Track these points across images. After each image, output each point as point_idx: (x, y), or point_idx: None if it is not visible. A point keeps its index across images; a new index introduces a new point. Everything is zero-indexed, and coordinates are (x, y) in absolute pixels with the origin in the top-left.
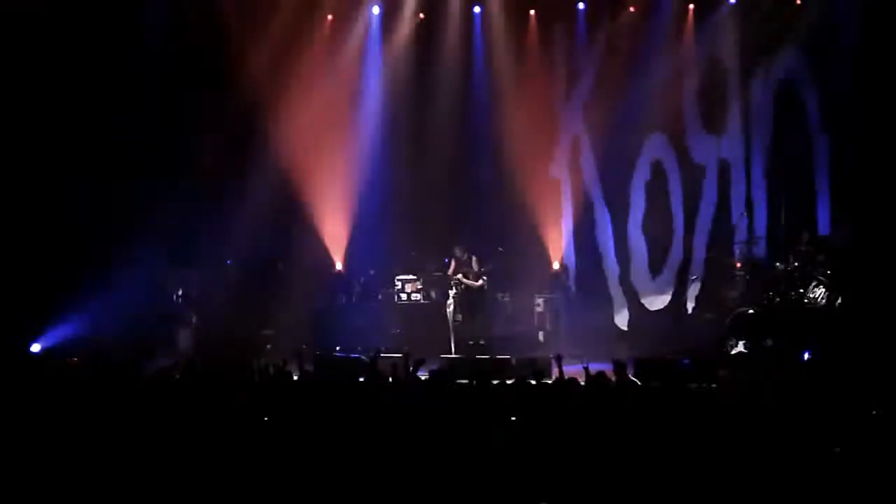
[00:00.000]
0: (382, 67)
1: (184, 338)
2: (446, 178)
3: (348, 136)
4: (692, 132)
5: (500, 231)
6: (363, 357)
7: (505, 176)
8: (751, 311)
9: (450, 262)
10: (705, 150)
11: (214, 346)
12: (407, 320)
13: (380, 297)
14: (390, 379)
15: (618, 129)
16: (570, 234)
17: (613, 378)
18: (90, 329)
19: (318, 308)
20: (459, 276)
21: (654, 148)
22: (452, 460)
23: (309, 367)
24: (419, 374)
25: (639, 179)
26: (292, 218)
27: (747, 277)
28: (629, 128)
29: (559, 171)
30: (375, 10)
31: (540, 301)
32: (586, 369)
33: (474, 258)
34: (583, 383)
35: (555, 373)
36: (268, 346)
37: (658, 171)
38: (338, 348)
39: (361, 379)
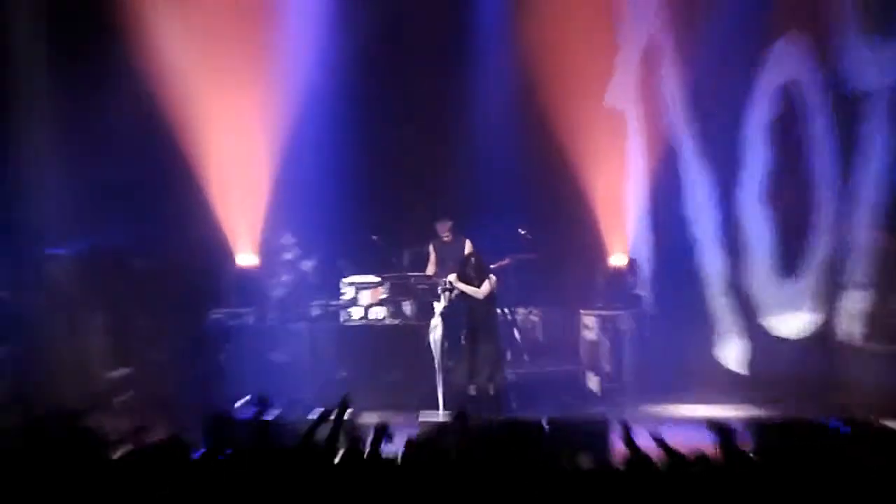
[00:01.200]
0: None
1: None
2: (432, 119)
3: (270, 56)
4: (847, 40)
5: (522, 202)
6: (287, 422)
7: (529, 111)
8: None
9: (429, 253)
10: (870, 69)
11: (29, 399)
12: (362, 354)
13: (316, 313)
14: (334, 460)
15: (721, 32)
16: (641, 208)
17: (718, 454)
18: None
19: (207, 333)
20: (451, 277)
21: (783, 64)
22: None
23: (190, 438)
24: (383, 449)
25: (757, 117)
26: (162, 181)
27: None
28: (740, 30)
29: (621, 100)
30: None
31: (590, 321)
32: (660, 443)
33: (470, 245)
34: (666, 466)
35: (619, 448)
36: (117, 398)
37: (790, 103)
38: (240, 403)
39: (282, 461)
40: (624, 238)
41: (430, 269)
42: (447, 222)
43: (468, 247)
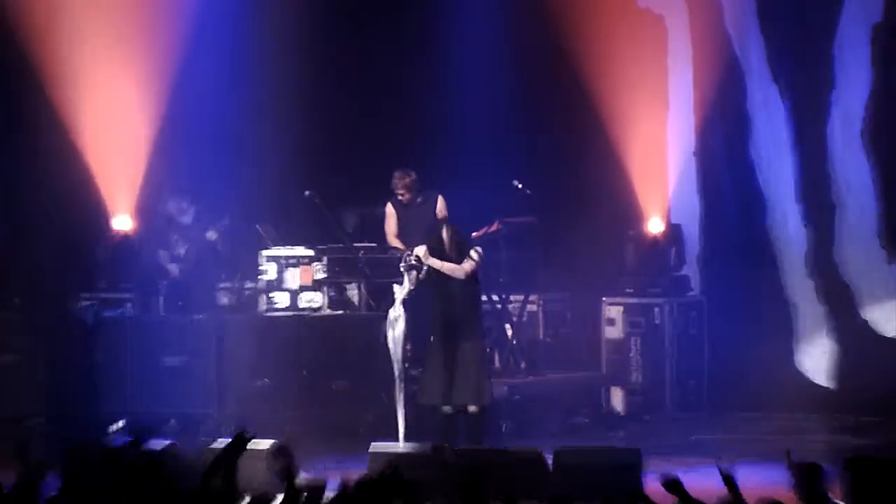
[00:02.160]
0: None
1: None
2: (392, 37)
3: None
4: None
5: (517, 144)
6: (181, 453)
7: (529, 17)
8: None
9: (384, 216)
10: None
11: None
12: (290, 357)
13: (224, 300)
14: None
15: None
16: (687, 155)
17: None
18: None
19: (71, 329)
20: (419, 250)
21: None
22: None
23: (46, 473)
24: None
25: (854, 20)
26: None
27: None
28: None
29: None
30: None
31: (615, 313)
32: (728, 480)
33: (443, 204)
34: None
35: (655, 494)
36: None
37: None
38: (119, 425)
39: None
40: (663, 196)
41: (389, 240)
42: (407, 175)
43: (441, 207)
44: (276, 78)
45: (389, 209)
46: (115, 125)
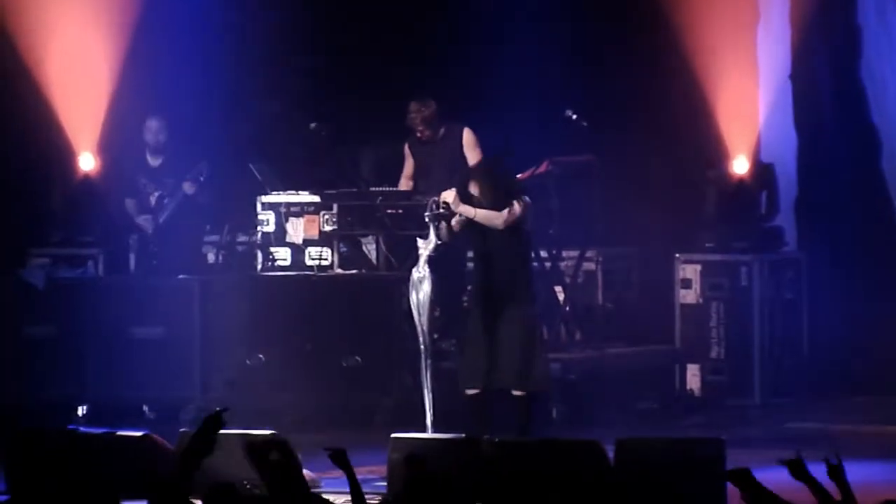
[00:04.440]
0: None
1: None
2: None
3: None
4: None
5: (569, 67)
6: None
7: None
8: None
9: (404, 156)
10: None
11: None
12: (292, 325)
13: (212, 256)
14: None
15: None
16: (782, 80)
17: None
18: None
19: (21, 292)
20: (447, 195)
21: None
22: None
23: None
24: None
25: None
26: None
27: None
28: None
29: None
30: None
31: (691, 273)
32: (835, 470)
33: (472, 136)
34: None
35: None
36: None
37: None
38: (82, 410)
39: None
40: (752, 130)
41: (404, 183)
42: (425, 106)
43: (470, 141)
44: None
45: (407, 150)
46: (78, 49)
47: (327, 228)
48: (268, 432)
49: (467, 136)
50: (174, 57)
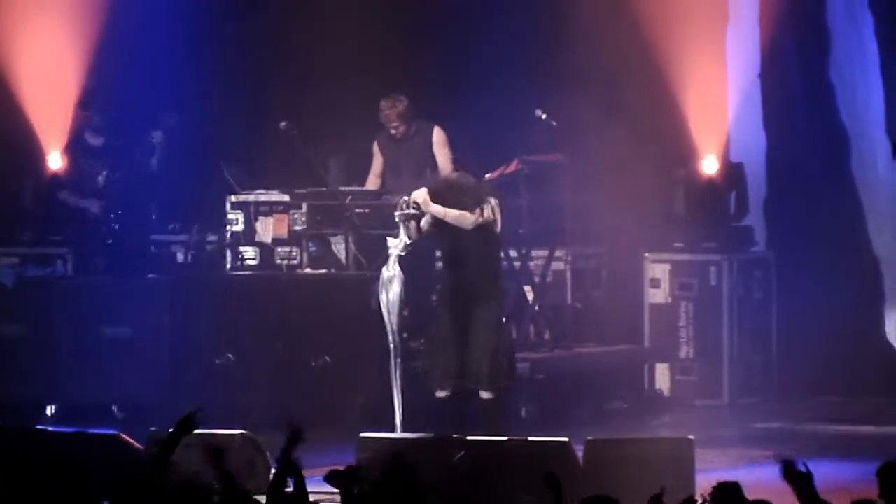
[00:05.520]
0: None
1: None
2: None
3: None
4: None
5: (538, 63)
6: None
7: None
8: None
9: (372, 154)
10: None
11: None
12: (261, 325)
13: (181, 255)
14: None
15: None
16: (751, 77)
17: None
18: None
19: None
20: (418, 194)
21: None
22: None
23: None
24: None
25: None
26: None
27: None
28: None
29: None
30: None
31: (660, 272)
32: (790, 472)
33: (442, 135)
34: None
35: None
36: None
37: None
38: (51, 410)
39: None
40: (721, 129)
41: (373, 181)
42: (397, 101)
43: (440, 140)
44: None
45: (375, 148)
46: (49, 51)
47: (297, 228)
48: (237, 432)
49: (438, 134)
50: (142, 57)
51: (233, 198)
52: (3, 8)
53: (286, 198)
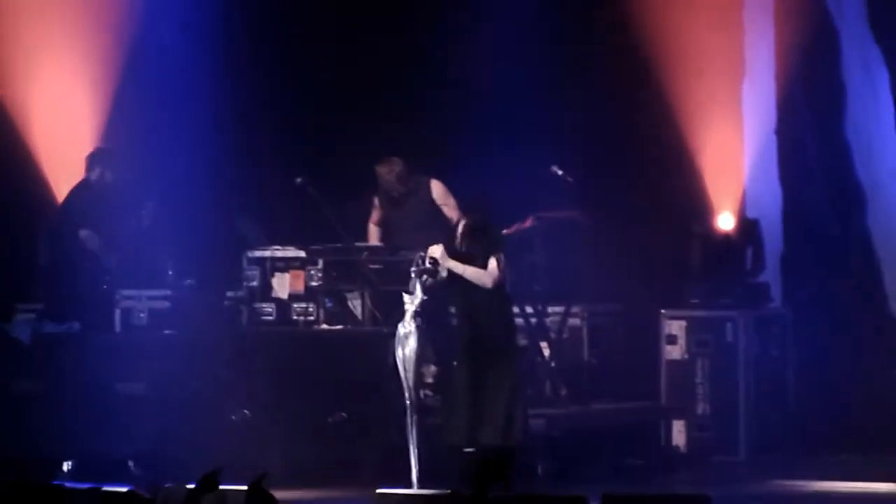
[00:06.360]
0: None
1: None
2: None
3: None
4: None
5: (553, 123)
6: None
7: None
8: None
9: (370, 210)
10: None
11: None
12: (277, 380)
13: (192, 316)
14: None
15: None
16: (767, 136)
17: None
18: None
19: (8, 348)
20: (435, 250)
21: None
22: None
23: None
24: None
25: None
26: None
27: None
28: None
29: None
30: None
31: (677, 329)
32: None
33: (440, 189)
34: None
35: None
36: None
37: None
38: (67, 466)
39: None
40: (737, 185)
41: (373, 230)
42: (394, 164)
43: (440, 194)
44: (253, 41)
45: (376, 202)
46: (64, 105)
47: (313, 284)
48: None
49: (437, 187)
50: (159, 112)
51: (249, 254)
52: (18, 62)
53: (302, 254)
